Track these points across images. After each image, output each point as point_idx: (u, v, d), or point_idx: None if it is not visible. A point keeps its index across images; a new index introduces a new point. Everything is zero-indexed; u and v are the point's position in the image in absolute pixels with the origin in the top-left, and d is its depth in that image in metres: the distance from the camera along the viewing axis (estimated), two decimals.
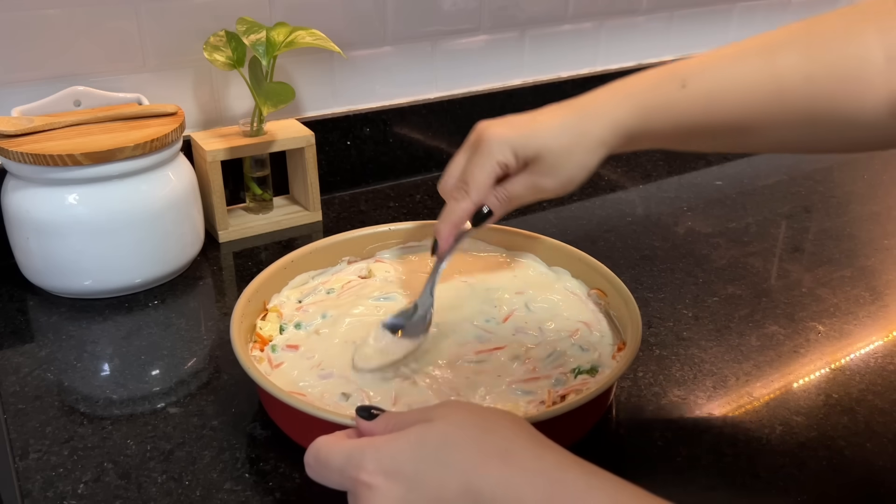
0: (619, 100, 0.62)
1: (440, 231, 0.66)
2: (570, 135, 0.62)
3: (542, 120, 0.63)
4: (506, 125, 0.64)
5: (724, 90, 0.60)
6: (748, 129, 0.61)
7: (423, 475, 0.41)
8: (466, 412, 0.44)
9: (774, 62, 0.59)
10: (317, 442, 0.46)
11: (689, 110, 0.61)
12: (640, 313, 0.66)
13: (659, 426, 0.64)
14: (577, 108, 0.63)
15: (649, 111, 0.62)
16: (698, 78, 0.61)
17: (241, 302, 0.67)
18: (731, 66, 0.60)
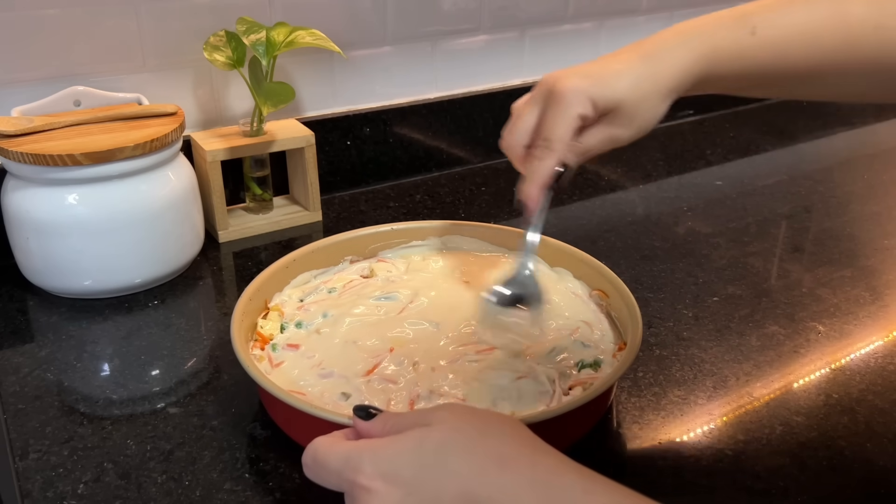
0: (689, 44, 0.60)
1: (529, 192, 0.62)
2: (645, 83, 0.60)
3: (616, 68, 0.61)
4: (579, 75, 0.61)
5: (794, 37, 0.59)
6: (817, 77, 0.61)
7: (421, 479, 0.41)
8: (465, 416, 0.44)
9: (844, 10, 0.59)
10: (315, 443, 0.46)
11: (758, 56, 0.60)
12: (641, 313, 0.66)
13: (659, 426, 0.64)
14: (647, 54, 0.61)
15: (719, 56, 0.60)
16: (768, 24, 0.60)
17: (242, 300, 0.67)
18: (801, 11, 0.60)
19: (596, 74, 0.61)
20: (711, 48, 0.60)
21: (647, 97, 0.61)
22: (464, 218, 0.99)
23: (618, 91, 0.60)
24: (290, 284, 0.74)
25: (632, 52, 0.62)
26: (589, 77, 0.61)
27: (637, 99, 0.61)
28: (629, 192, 1.10)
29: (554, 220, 1.00)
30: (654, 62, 0.61)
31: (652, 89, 0.61)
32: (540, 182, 0.62)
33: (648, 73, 0.60)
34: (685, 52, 0.60)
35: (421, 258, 0.79)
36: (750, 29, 0.59)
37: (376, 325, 0.69)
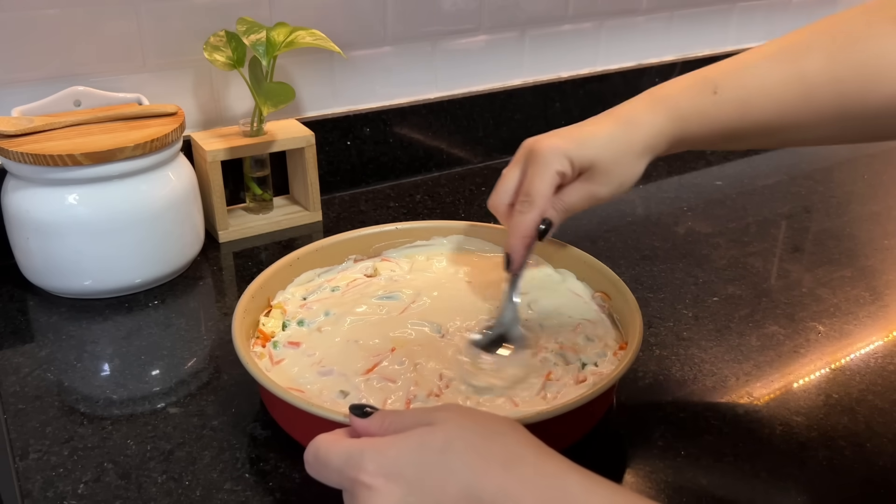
0: (657, 108, 0.65)
1: (513, 246, 0.67)
2: (618, 143, 0.65)
3: (590, 130, 0.65)
4: (557, 137, 0.65)
5: (754, 95, 0.63)
6: (780, 130, 0.64)
7: (424, 478, 0.41)
8: (468, 417, 0.44)
9: (801, 65, 0.61)
10: (316, 440, 0.46)
11: (721, 115, 0.64)
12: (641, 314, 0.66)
13: (659, 426, 0.64)
14: (620, 119, 0.66)
15: (684, 118, 0.65)
16: (728, 84, 0.64)
17: (244, 297, 0.67)
18: (759, 70, 0.63)
19: (572, 136, 0.65)
20: (679, 111, 0.65)
21: (621, 157, 0.65)
22: (464, 218, 0.99)
23: (593, 150, 0.65)
24: (293, 283, 0.74)
25: (605, 117, 0.67)
26: (566, 138, 0.65)
27: (612, 158, 0.65)
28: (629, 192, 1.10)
29: None
30: (625, 126, 0.65)
31: (626, 150, 0.65)
32: (522, 235, 0.66)
33: (620, 134, 0.65)
34: (655, 117, 0.65)
35: (425, 258, 0.79)
36: (711, 90, 0.64)
37: (378, 324, 0.69)
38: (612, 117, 0.66)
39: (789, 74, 0.62)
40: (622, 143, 0.65)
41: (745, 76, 0.64)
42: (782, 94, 0.62)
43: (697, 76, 0.66)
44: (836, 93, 0.60)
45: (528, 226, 0.65)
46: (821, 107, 0.61)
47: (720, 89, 0.64)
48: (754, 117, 0.63)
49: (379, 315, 0.70)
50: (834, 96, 0.61)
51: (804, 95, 0.61)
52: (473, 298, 0.73)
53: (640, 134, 0.65)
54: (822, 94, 0.61)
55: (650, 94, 0.66)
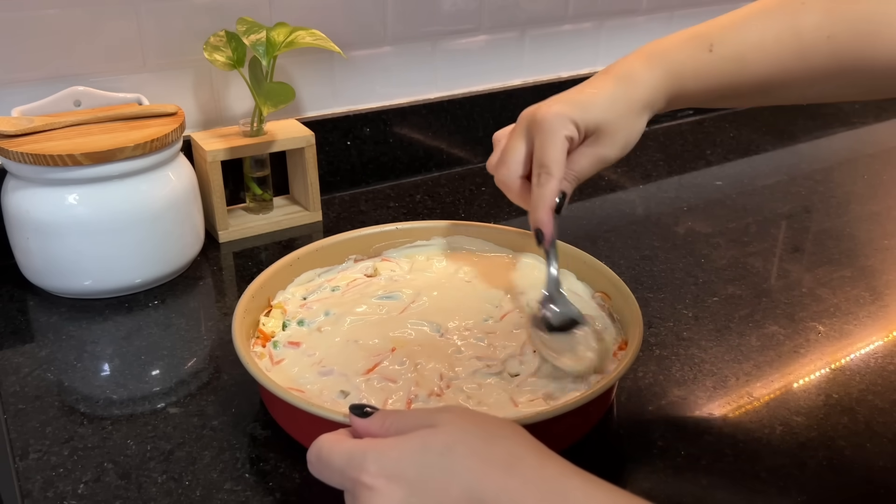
0: (654, 66, 0.64)
1: (540, 219, 0.65)
2: (621, 103, 0.64)
3: (590, 92, 0.64)
4: (558, 103, 0.64)
5: (749, 51, 0.62)
6: (775, 87, 0.63)
7: (426, 480, 0.41)
8: (470, 419, 0.44)
9: (796, 21, 0.61)
10: (319, 440, 0.46)
11: (717, 72, 0.64)
12: (641, 314, 0.66)
13: (659, 426, 0.64)
14: (618, 77, 0.65)
15: (680, 75, 0.64)
16: (724, 41, 0.63)
17: (245, 297, 0.67)
18: (754, 26, 0.63)
19: (573, 100, 0.64)
20: (675, 67, 0.64)
21: (623, 115, 0.64)
22: (464, 218, 0.99)
23: (597, 112, 0.64)
24: (293, 282, 0.74)
25: (603, 77, 0.66)
26: (567, 103, 0.64)
27: (615, 118, 0.64)
28: (629, 192, 1.10)
29: None
30: (625, 84, 0.64)
31: (627, 108, 0.64)
32: (548, 207, 0.64)
33: (621, 93, 0.64)
34: (652, 73, 0.64)
35: (425, 258, 0.79)
36: (707, 46, 0.63)
37: (378, 324, 0.69)
38: (610, 76, 0.65)
39: (785, 30, 0.61)
40: (624, 101, 0.64)
41: (740, 32, 0.63)
42: (778, 50, 0.61)
43: (692, 32, 0.66)
44: (832, 50, 0.60)
45: (549, 196, 0.64)
46: (817, 64, 0.61)
47: (716, 46, 0.63)
48: (750, 74, 0.63)
49: (379, 315, 0.70)
50: (829, 54, 0.60)
51: (799, 53, 0.61)
52: (473, 298, 0.73)
53: (639, 91, 0.64)
54: (817, 51, 0.60)
55: (646, 52, 0.66)
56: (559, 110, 0.63)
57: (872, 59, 0.59)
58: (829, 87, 0.63)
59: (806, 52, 0.61)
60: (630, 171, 1.16)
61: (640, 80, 0.64)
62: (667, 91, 0.65)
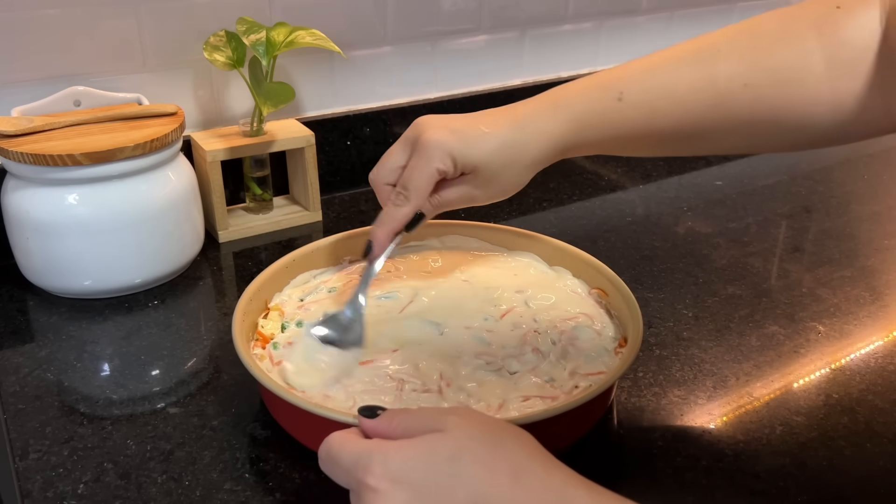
0: (557, 114, 0.62)
1: (377, 235, 0.66)
2: (509, 151, 0.62)
3: (483, 130, 0.63)
4: (447, 130, 0.63)
5: (662, 100, 0.59)
6: (688, 136, 0.61)
7: (432, 485, 0.41)
8: (478, 425, 0.44)
9: (712, 69, 0.58)
10: (330, 437, 0.47)
11: (625, 121, 0.61)
12: (641, 314, 0.66)
13: (659, 426, 0.64)
14: (516, 121, 0.63)
15: (585, 124, 0.62)
16: (635, 89, 0.60)
17: (242, 300, 0.67)
18: (668, 74, 0.60)
19: (464, 132, 0.62)
20: (578, 117, 0.62)
21: (507, 166, 0.63)
22: (464, 217, 0.98)
23: (480, 154, 0.62)
24: (289, 284, 0.74)
25: (504, 116, 0.64)
26: (456, 133, 0.62)
27: (498, 167, 0.63)
28: (629, 192, 1.10)
29: (554, 220, 1.00)
30: (521, 131, 0.62)
31: (516, 160, 0.63)
32: (391, 228, 0.65)
33: (513, 140, 0.62)
34: (554, 123, 0.62)
35: (419, 258, 0.79)
36: (616, 94, 0.61)
37: (377, 324, 0.69)
38: (509, 118, 0.63)
39: (700, 79, 0.58)
40: (513, 151, 0.62)
41: (652, 80, 0.60)
42: (692, 99, 0.58)
43: (602, 79, 0.63)
44: (749, 99, 0.57)
45: (400, 220, 0.65)
46: (732, 114, 0.58)
47: (625, 94, 0.60)
48: (660, 123, 0.60)
49: (377, 315, 0.70)
50: (746, 103, 0.57)
51: (715, 101, 0.58)
52: (471, 297, 0.73)
53: (533, 143, 0.62)
54: (733, 100, 0.58)
55: (552, 97, 0.63)
56: (442, 140, 0.62)
57: (790, 109, 0.57)
58: (743, 138, 0.60)
59: (721, 101, 0.58)
60: (630, 171, 1.16)
61: (539, 131, 0.62)
62: (565, 143, 0.63)
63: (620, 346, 0.67)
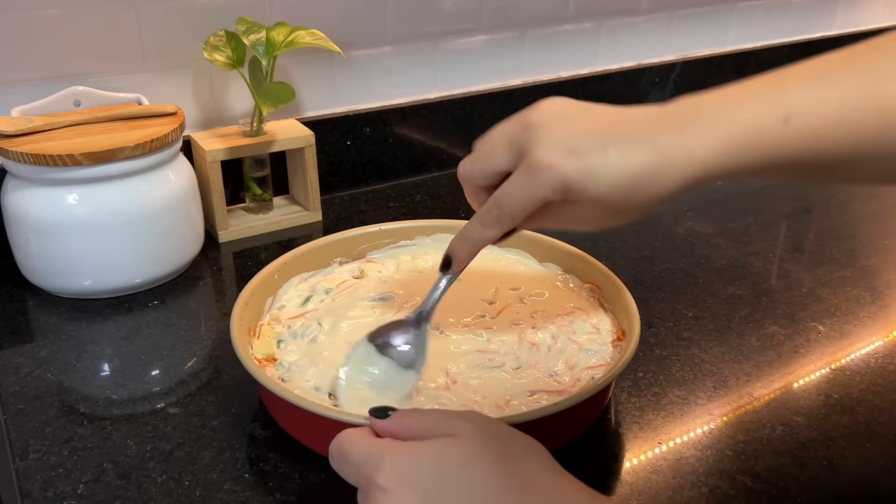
0: (710, 136, 0.50)
1: (458, 252, 0.58)
2: (642, 184, 0.50)
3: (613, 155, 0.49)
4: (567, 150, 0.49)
5: (831, 125, 0.49)
6: (852, 164, 0.51)
7: (442, 489, 0.41)
8: (490, 432, 0.44)
9: (879, 90, 0.49)
10: (341, 434, 0.47)
11: (789, 148, 0.50)
12: (640, 313, 0.66)
13: (659, 426, 0.64)
14: (658, 142, 0.50)
15: (744, 148, 0.50)
16: (803, 112, 0.49)
17: (238, 307, 0.66)
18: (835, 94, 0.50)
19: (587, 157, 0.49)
20: (737, 140, 0.49)
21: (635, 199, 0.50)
22: (464, 218, 0.98)
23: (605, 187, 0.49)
24: (282, 288, 0.74)
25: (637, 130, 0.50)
26: (577, 157, 0.49)
27: (623, 198, 0.50)
28: None
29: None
30: (663, 156, 0.49)
31: (647, 192, 0.50)
32: (474, 246, 0.57)
33: (651, 168, 0.49)
34: (703, 148, 0.50)
35: (410, 258, 0.80)
36: (783, 117, 0.49)
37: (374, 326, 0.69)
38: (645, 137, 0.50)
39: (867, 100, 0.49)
40: (647, 185, 0.49)
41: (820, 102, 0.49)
42: (859, 122, 0.49)
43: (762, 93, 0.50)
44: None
45: (483, 241, 0.56)
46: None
47: (792, 118, 0.49)
48: (827, 150, 0.50)
49: (374, 317, 0.70)
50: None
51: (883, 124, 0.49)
52: (466, 295, 0.73)
53: (673, 175, 0.50)
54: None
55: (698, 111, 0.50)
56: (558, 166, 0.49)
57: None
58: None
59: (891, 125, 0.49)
60: None
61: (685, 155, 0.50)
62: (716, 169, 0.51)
63: (618, 339, 0.67)
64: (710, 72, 1.37)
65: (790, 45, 1.45)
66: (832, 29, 1.52)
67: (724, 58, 1.38)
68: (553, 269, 0.77)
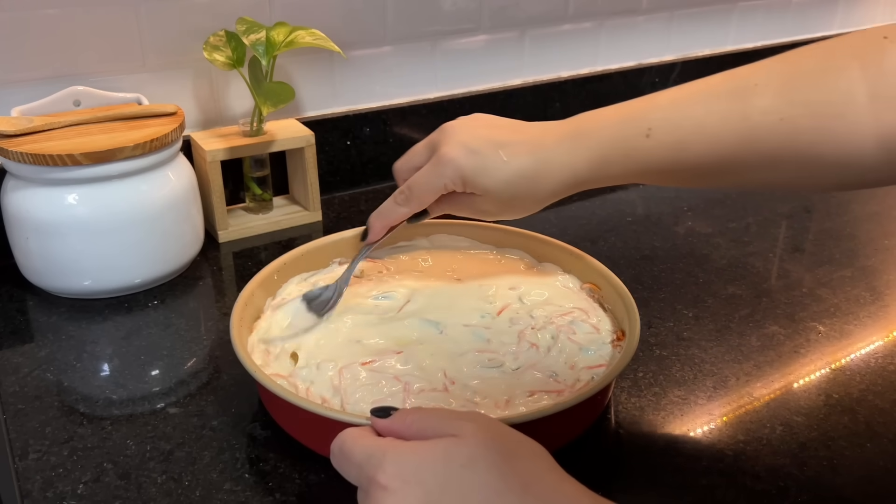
0: (578, 147, 0.61)
1: (373, 224, 0.70)
2: (523, 183, 0.62)
3: (502, 158, 0.62)
4: (466, 149, 0.62)
5: (691, 136, 0.57)
6: (717, 172, 0.58)
7: (444, 489, 0.42)
8: (494, 434, 0.45)
9: (746, 104, 0.55)
10: (343, 433, 0.47)
11: (652, 157, 0.59)
12: (640, 313, 0.66)
13: (659, 426, 0.64)
14: (537, 152, 0.62)
15: (609, 159, 0.60)
16: (664, 124, 0.58)
17: (238, 306, 0.66)
18: (698, 109, 0.57)
19: (481, 155, 0.62)
20: (603, 153, 0.60)
21: (520, 195, 0.63)
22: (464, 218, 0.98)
23: (492, 181, 0.62)
24: (282, 288, 0.74)
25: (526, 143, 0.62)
26: (474, 155, 0.62)
27: (509, 194, 0.63)
28: (629, 192, 1.10)
29: (554, 220, 1.00)
30: (541, 162, 0.61)
31: (528, 189, 0.62)
32: (387, 221, 0.69)
33: (531, 172, 0.62)
34: (573, 157, 0.61)
35: (409, 258, 0.80)
36: (644, 130, 0.59)
37: (377, 324, 0.69)
38: (532, 147, 0.62)
39: (732, 114, 0.56)
40: (528, 183, 0.62)
41: (682, 117, 0.58)
42: (723, 135, 0.56)
43: (629, 112, 0.60)
44: (785, 134, 0.54)
45: (394, 217, 0.68)
46: (766, 149, 0.55)
47: (654, 131, 0.58)
48: (689, 159, 0.58)
49: (376, 315, 0.70)
50: (781, 136, 0.55)
51: (747, 137, 0.55)
52: (466, 296, 0.73)
53: (552, 177, 0.62)
54: (768, 136, 0.55)
55: (576, 128, 0.62)
56: (458, 160, 0.62)
57: (831, 143, 0.54)
58: (779, 174, 0.57)
59: (755, 136, 0.55)
60: None
61: (560, 164, 0.61)
62: (587, 176, 0.62)
63: (618, 339, 0.67)
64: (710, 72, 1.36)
65: (790, 45, 1.45)
66: (832, 29, 1.53)
67: (724, 58, 1.38)
68: (553, 269, 0.77)
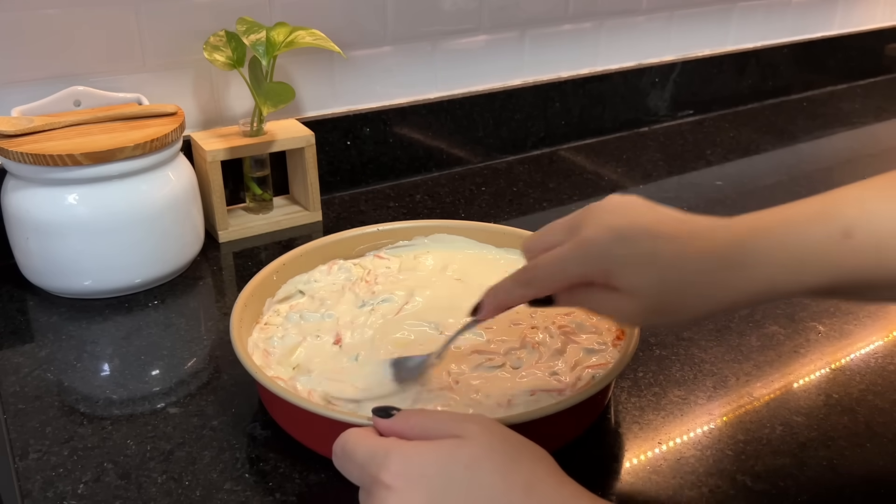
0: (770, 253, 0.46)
1: (486, 303, 0.56)
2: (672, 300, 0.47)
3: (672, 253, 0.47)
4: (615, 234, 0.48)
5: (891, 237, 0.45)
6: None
7: (447, 489, 0.42)
8: (497, 436, 0.45)
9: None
10: (346, 433, 0.47)
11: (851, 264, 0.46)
12: None
13: (659, 426, 0.64)
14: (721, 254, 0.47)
15: (800, 266, 0.46)
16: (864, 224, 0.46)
17: (238, 306, 0.66)
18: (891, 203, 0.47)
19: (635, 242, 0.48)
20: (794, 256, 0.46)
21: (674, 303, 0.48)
22: (463, 218, 0.99)
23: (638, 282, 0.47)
24: (281, 288, 0.74)
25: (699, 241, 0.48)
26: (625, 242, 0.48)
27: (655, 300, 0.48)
28: (629, 192, 1.10)
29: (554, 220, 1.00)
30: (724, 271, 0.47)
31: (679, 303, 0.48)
32: (502, 303, 0.56)
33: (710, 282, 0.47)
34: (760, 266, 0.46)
35: (412, 257, 0.80)
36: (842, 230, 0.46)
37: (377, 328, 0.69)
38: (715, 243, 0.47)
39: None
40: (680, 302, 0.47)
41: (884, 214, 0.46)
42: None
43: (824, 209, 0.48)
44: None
45: (513, 299, 0.55)
46: None
47: (854, 231, 0.46)
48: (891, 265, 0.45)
49: (375, 318, 0.70)
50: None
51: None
52: (466, 296, 0.72)
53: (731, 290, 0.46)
54: None
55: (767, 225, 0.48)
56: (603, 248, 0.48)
57: None
58: None
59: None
60: (630, 171, 1.16)
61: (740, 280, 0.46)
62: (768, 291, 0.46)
63: (618, 338, 0.67)
64: (710, 72, 1.37)
65: (790, 44, 1.45)
66: (832, 29, 1.53)
67: (724, 58, 1.38)
68: None
